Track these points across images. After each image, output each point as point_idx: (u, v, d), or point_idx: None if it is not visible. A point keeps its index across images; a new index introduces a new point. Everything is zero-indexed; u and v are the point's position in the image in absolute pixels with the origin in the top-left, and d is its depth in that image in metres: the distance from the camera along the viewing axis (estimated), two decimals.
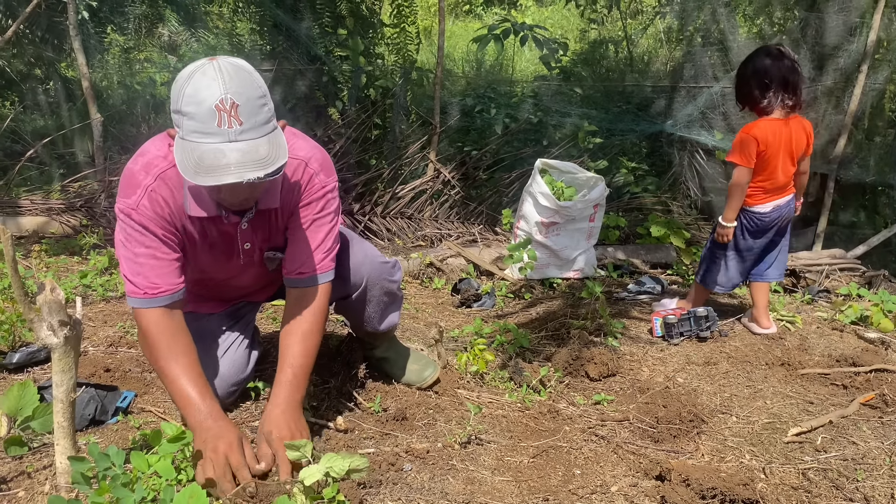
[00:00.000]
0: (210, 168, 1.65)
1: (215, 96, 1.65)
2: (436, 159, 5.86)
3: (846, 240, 5.95)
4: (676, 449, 2.26)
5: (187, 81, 1.67)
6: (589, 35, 9.32)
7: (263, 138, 1.71)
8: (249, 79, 1.72)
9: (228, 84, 1.66)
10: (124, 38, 8.28)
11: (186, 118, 1.67)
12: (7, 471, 1.85)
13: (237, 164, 1.66)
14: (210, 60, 1.70)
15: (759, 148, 3.14)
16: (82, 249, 4.58)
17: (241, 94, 1.67)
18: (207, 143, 1.67)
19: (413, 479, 1.92)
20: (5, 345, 2.65)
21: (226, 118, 1.66)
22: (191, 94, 1.66)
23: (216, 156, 1.66)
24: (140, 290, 1.88)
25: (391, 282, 2.37)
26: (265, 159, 1.69)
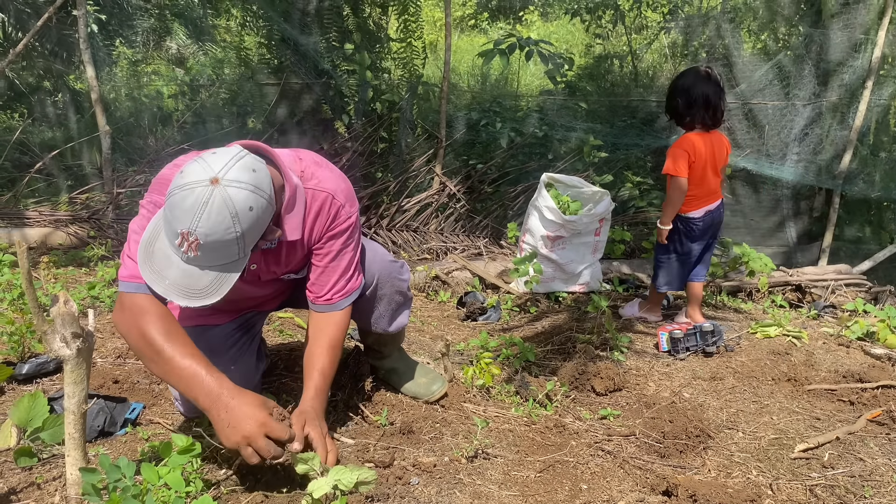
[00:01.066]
0: (153, 269, 1.72)
1: (185, 225, 1.65)
2: (441, 172, 5.89)
3: (851, 255, 5.96)
4: (683, 464, 2.26)
5: (180, 188, 1.66)
6: (594, 50, 9.38)
7: (211, 272, 1.72)
8: (227, 224, 1.67)
9: (202, 224, 1.64)
10: (132, 51, 8.36)
11: (167, 207, 1.70)
12: (17, 481, 1.86)
13: (172, 282, 1.71)
14: (212, 183, 1.65)
15: (691, 159, 3.51)
16: (90, 261, 4.61)
17: (207, 237, 1.66)
18: (167, 243, 1.71)
19: (420, 493, 1.93)
20: (15, 356, 2.66)
21: (185, 244, 1.67)
22: (174, 202, 1.66)
23: (163, 261, 1.71)
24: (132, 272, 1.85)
25: (401, 280, 2.42)
26: (201, 291, 1.72)
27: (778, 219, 6.46)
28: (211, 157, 1.70)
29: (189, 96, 7.84)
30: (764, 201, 6.48)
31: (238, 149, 1.76)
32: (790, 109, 6.18)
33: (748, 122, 6.42)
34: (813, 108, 6.12)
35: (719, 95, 3.50)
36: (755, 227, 6.47)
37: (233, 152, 1.73)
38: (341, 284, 2.13)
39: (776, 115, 6.27)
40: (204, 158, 1.69)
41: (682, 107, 3.55)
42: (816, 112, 6.10)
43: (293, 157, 2.03)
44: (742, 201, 6.50)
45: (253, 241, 1.76)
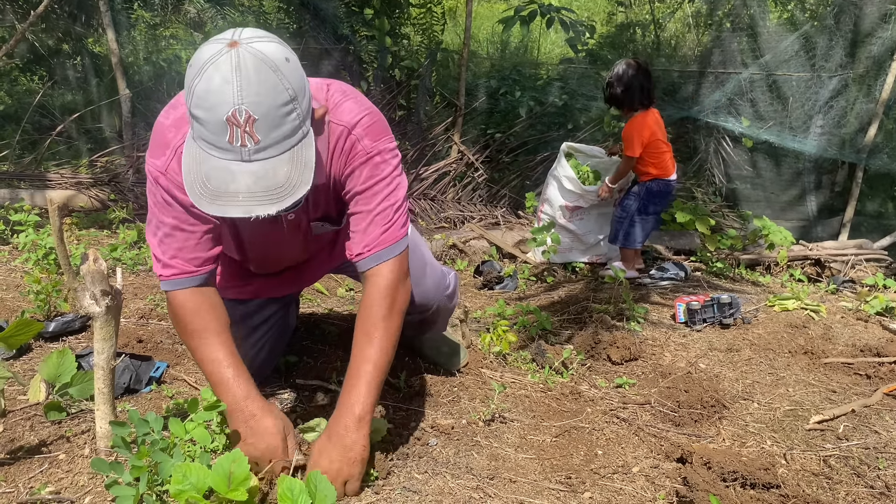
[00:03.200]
0: (215, 193, 1.42)
1: (227, 106, 1.36)
2: (460, 141, 5.87)
3: (872, 230, 5.90)
4: (698, 433, 2.28)
5: (199, 76, 1.37)
6: (616, 18, 9.24)
7: (284, 155, 1.44)
8: (273, 80, 1.38)
9: (245, 90, 1.36)
10: (151, 15, 8.33)
11: (195, 121, 1.41)
12: (47, 434, 1.91)
13: (247, 192, 1.41)
14: (230, 46, 1.37)
15: (643, 137, 4.09)
16: (111, 223, 4.67)
17: (259, 105, 1.37)
18: (216, 157, 1.42)
19: (438, 454, 1.96)
20: (41, 314, 2.72)
21: (238, 134, 1.38)
22: (201, 95, 1.37)
23: (224, 177, 1.41)
24: (167, 270, 1.73)
25: (454, 304, 2.44)
26: (282, 188, 1.43)
27: (798, 192, 6.40)
28: (218, 34, 1.42)
29: None
30: (785, 174, 6.41)
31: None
32: (815, 81, 6.08)
33: (771, 94, 6.32)
34: (839, 80, 6.01)
35: (649, 80, 4.13)
36: (775, 200, 6.42)
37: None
38: (375, 233, 1.76)
39: (800, 86, 6.17)
40: (205, 43, 1.41)
41: (620, 94, 4.13)
42: (842, 84, 6.00)
43: (320, 85, 1.76)
44: (763, 174, 6.43)
45: (307, 104, 1.48)
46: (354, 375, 1.72)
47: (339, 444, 1.65)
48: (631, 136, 4.12)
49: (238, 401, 1.68)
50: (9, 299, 3.00)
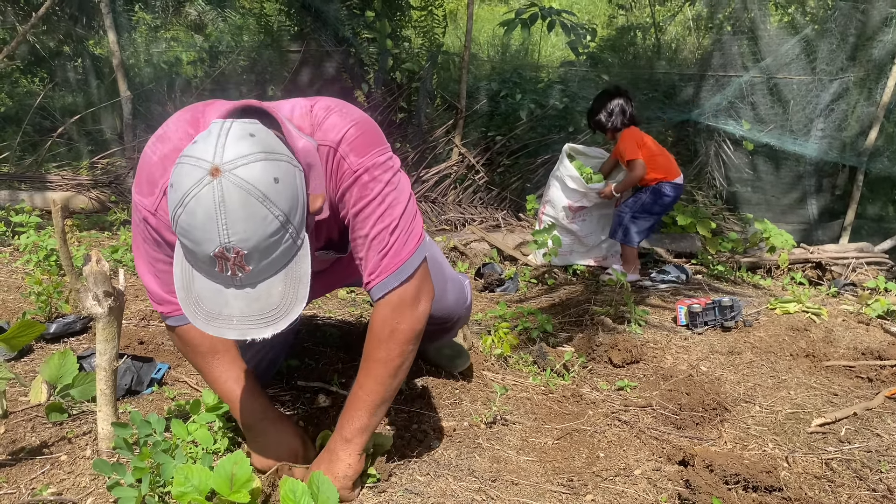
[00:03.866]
0: (209, 315, 1.36)
1: (213, 244, 1.28)
2: (461, 143, 5.87)
3: (873, 233, 5.90)
4: (699, 436, 2.28)
5: (181, 206, 1.28)
6: (617, 21, 9.25)
7: (278, 275, 1.37)
8: (262, 213, 1.29)
9: (231, 227, 1.27)
10: (152, 17, 8.34)
11: (182, 246, 1.35)
12: (48, 436, 1.91)
13: (241, 316, 1.35)
14: (212, 176, 1.26)
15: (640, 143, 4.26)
16: (112, 225, 4.67)
17: (248, 241, 1.29)
18: (207, 280, 1.35)
19: (440, 456, 1.96)
20: (42, 315, 2.71)
21: (228, 266, 1.31)
22: (185, 228, 1.29)
23: (216, 300, 1.35)
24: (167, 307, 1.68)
25: (467, 318, 2.47)
26: (277, 309, 1.37)
27: (799, 195, 6.40)
28: (193, 148, 1.31)
29: (208, 63, 7.83)
30: (785, 177, 6.42)
31: (218, 123, 1.34)
32: (816, 84, 6.08)
33: (772, 97, 6.33)
34: (839, 84, 6.02)
35: (630, 103, 4.37)
36: (776, 203, 6.42)
37: (214, 130, 1.32)
38: (374, 260, 1.64)
39: (801, 89, 6.17)
40: (187, 154, 1.30)
41: (603, 119, 4.37)
42: (843, 87, 6.01)
43: (305, 109, 1.63)
44: (763, 177, 6.43)
45: (300, 217, 1.39)
46: (350, 400, 1.70)
47: (325, 461, 1.68)
48: (623, 147, 4.25)
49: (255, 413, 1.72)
50: (10, 300, 3.00)
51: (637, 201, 4.32)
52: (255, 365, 2.22)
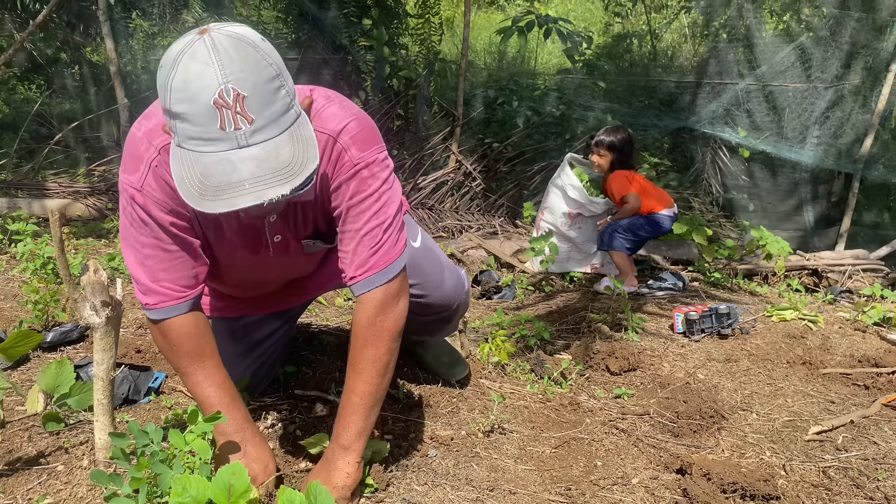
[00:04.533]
0: (218, 188, 1.28)
1: (212, 88, 1.24)
2: (457, 151, 5.89)
3: (869, 240, 5.93)
4: (697, 444, 2.28)
5: (173, 69, 1.26)
6: (613, 28, 9.29)
7: (284, 135, 1.33)
8: (255, 56, 1.29)
9: (227, 67, 1.25)
10: (149, 24, 8.35)
11: (179, 120, 1.29)
12: (45, 445, 1.90)
13: (252, 178, 1.28)
14: (200, 34, 1.27)
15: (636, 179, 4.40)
16: (109, 232, 4.66)
17: (245, 81, 1.26)
18: (210, 151, 1.29)
19: (438, 465, 1.96)
20: (39, 324, 2.71)
21: (230, 116, 1.26)
22: (180, 88, 1.26)
23: (224, 169, 1.28)
24: (151, 297, 1.61)
25: (467, 306, 2.43)
26: (289, 166, 1.31)
27: (795, 202, 6.43)
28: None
29: None
30: (782, 185, 6.45)
31: None
32: (811, 92, 6.12)
33: (768, 105, 6.37)
34: (835, 91, 6.05)
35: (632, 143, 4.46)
36: (772, 210, 6.45)
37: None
38: (364, 255, 1.62)
39: (797, 97, 6.21)
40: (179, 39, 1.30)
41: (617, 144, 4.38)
42: (838, 95, 6.04)
43: (302, 90, 1.56)
44: (760, 184, 6.47)
45: (291, 84, 1.37)
46: (343, 406, 1.68)
47: (323, 471, 1.67)
48: (615, 186, 4.34)
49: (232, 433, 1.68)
50: (6, 309, 2.99)
51: (624, 222, 4.36)
52: (254, 372, 2.24)
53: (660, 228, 4.39)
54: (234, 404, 1.70)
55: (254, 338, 2.22)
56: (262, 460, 1.69)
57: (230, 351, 2.01)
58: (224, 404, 1.67)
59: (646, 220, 4.33)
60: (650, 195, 4.37)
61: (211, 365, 1.69)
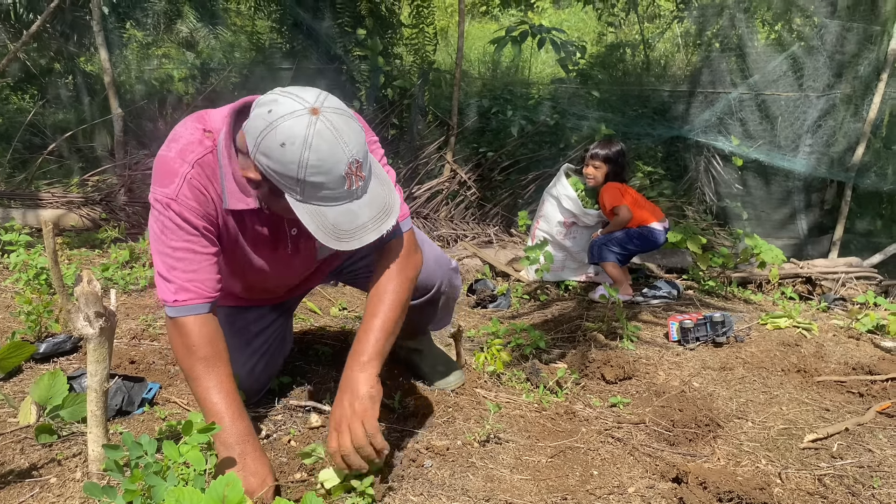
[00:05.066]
0: (349, 232, 1.62)
1: (344, 162, 1.56)
2: (452, 160, 5.89)
3: (862, 248, 5.95)
4: (693, 452, 2.28)
5: (305, 149, 1.53)
6: (606, 38, 9.33)
7: (374, 180, 1.67)
8: (357, 126, 1.62)
9: (348, 143, 1.57)
10: (143, 34, 8.36)
11: (311, 187, 1.58)
12: (38, 458, 1.89)
13: (370, 219, 1.64)
14: (314, 115, 1.55)
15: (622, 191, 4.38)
16: (103, 243, 4.65)
17: (360, 150, 1.60)
18: (336, 206, 1.61)
19: (434, 476, 1.95)
20: (32, 335, 2.69)
21: (354, 180, 1.60)
22: (316, 164, 1.54)
23: (350, 218, 1.62)
24: (181, 294, 1.76)
25: (458, 287, 2.44)
26: (386, 205, 1.68)
27: (789, 211, 6.45)
28: (277, 110, 1.56)
29: (199, 80, 7.85)
30: (775, 193, 6.48)
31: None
32: (803, 101, 6.16)
33: (760, 114, 6.40)
34: (826, 100, 6.09)
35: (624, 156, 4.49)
36: (766, 218, 6.47)
37: (277, 96, 1.61)
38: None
39: (789, 106, 6.24)
40: (277, 116, 1.55)
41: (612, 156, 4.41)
42: (830, 104, 6.08)
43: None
44: (753, 193, 6.49)
45: None
46: (362, 330, 1.83)
47: (347, 390, 1.76)
48: (607, 197, 4.35)
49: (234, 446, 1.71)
50: None
51: (612, 235, 4.38)
52: (251, 369, 2.25)
53: (649, 242, 4.38)
54: (239, 415, 1.75)
55: (252, 329, 2.26)
56: (259, 475, 1.71)
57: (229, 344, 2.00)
58: (229, 415, 1.73)
59: (636, 234, 4.35)
60: (642, 208, 4.38)
61: (223, 373, 1.78)
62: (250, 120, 1.61)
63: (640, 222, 4.35)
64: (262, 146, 1.56)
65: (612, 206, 4.32)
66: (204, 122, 1.79)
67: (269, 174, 1.60)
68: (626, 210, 4.29)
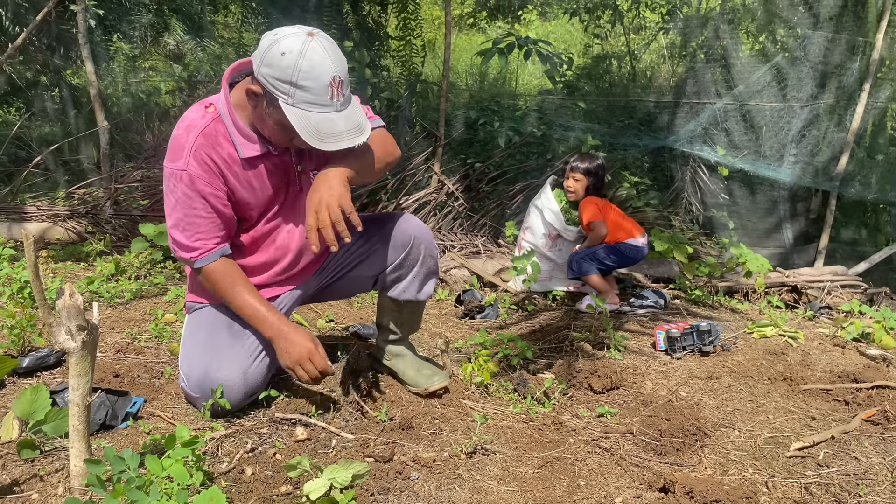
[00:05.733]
0: (328, 136, 1.99)
1: (329, 74, 1.94)
2: (440, 171, 5.90)
3: (847, 257, 6.00)
4: (680, 462, 2.28)
5: (300, 58, 1.91)
6: (592, 50, 9.41)
7: (352, 103, 2.07)
8: (342, 54, 2.01)
9: (336, 62, 1.96)
10: (130, 47, 8.35)
11: (300, 90, 1.95)
12: (19, 473, 1.87)
13: (346, 131, 2.01)
14: (310, 37, 1.95)
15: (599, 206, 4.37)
16: (88, 256, 4.61)
17: (343, 71, 1.99)
18: (319, 112, 1.98)
19: (420, 488, 1.94)
20: (15, 349, 2.67)
21: (335, 93, 1.98)
22: (307, 70, 1.92)
23: (329, 125, 1.99)
24: (195, 252, 2.15)
25: (433, 244, 2.53)
26: (360, 125, 2.06)
27: (774, 220, 6.50)
28: (281, 32, 1.99)
29: (187, 92, 7.84)
30: (760, 202, 6.52)
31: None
32: (787, 111, 6.22)
33: (745, 124, 6.46)
34: (810, 110, 6.16)
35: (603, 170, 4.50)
36: (752, 228, 6.51)
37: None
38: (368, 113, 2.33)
39: (773, 116, 6.30)
40: (282, 35, 1.96)
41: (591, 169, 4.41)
42: (814, 114, 6.14)
43: None
44: (739, 202, 6.54)
45: None
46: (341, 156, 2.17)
47: (323, 181, 2.10)
48: (584, 210, 4.36)
49: (275, 326, 2.18)
50: None
51: (590, 250, 4.37)
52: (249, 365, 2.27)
53: (627, 258, 4.38)
54: (270, 308, 2.21)
55: (247, 331, 2.31)
56: (303, 338, 2.17)
57: (225, 343, 2.29)
58: (265, 307, 2.21)
59: (615, 249, 4.34)
60: (622, 225, 4.37)
61: (245, 287, 2.21)
62: (259, 45, 2.00)
63: (619, 238, 4.35)
64: (266, 58, 1.95)
65: (589, 222, 4.33)
66: (205, 103, 2.16)
67: (267, 82, 1.96)
68: (602, 226, 4.29)
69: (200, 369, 2.24)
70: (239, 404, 2.29)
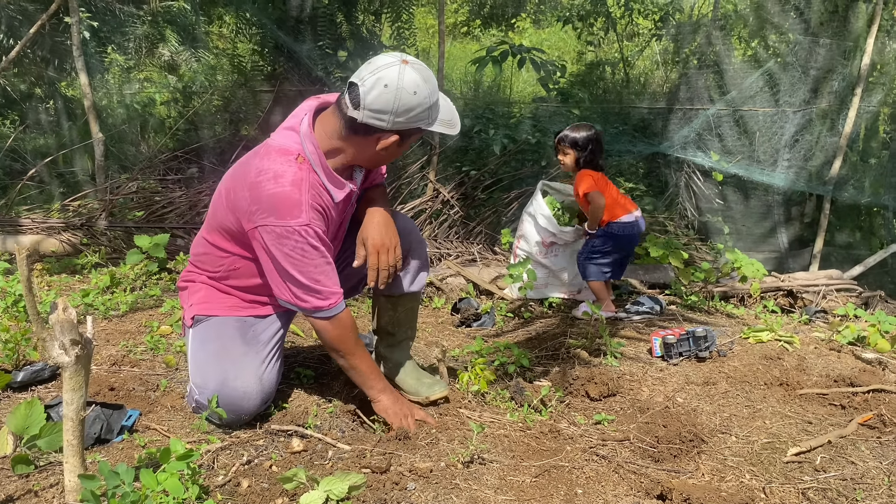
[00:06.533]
0: (451, 122, 2.25)
1: (451, 106, 2.27)
2: (435, 179, 5.91)
3: (842, 260, 6.01)
4: (677, 468, 2.28)
5: (425, 83, 2.11)
6: (586, 57, 9.43)
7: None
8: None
9: (429, 80, 2.14)
10: (124, 58, 8.35)
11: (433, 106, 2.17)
12: (14, 489, 1.86)
13: (453, 107, 2.28)
14: (405, 65, 2.10)
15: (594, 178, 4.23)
16: (83, 268, 4.61)
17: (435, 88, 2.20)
18: (444, 110, 2.22)
19: (417, 498, 1.94)
20: (9, 363, 2.66)
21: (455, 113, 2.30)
22: (433, 87, 2.14)
23: (449, 112, 2.24)
24: (334, 297, 2.22)
25: (420, 233, 2.60)
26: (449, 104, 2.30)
27: (769, 224, 6.51)
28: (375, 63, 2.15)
29: (181, 103, 7.84)
30: (755, 207, 6.54)
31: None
32: (780, 116, 6.24)
33: (738, 129, 6.48)
34: (803, 115, 6.18)
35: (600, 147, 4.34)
36: (747, 232, 6.52)
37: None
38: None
39: (766, 121, 6.33)
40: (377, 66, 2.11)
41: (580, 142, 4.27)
42: (807, 119, 6.17)
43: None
44: (733, 207, 6.55)
45: None
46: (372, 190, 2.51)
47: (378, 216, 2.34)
48: (578, 183, 4.25)
49: (387, 388, 2.40)
50: None
51: (587, 246, 4.33)
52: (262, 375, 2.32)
53: (626, 238, 4.27)
54: (381, 374, 2.44)
55: (261, 339, 2.38)
56: (408, 406, 2.42)
57: (239, 352, 2.32)
58: (377, 372, 2.41)
59: (607, 239, 4.25)
60: (617, 203, 4.27)
61: (363, 346, 2.37)
62: (372, 103, 2.09)
63: (616, 215, 4.24)
64: (399, 109, 2.09)
65: (585, 193, 4.19)
66: (288, 153, 2.16)
67: (408, 125, 2.14)
68: (599, 196, 4.14)
69: (217, 380, 2.25)
70: (256, 410, 2.31)
